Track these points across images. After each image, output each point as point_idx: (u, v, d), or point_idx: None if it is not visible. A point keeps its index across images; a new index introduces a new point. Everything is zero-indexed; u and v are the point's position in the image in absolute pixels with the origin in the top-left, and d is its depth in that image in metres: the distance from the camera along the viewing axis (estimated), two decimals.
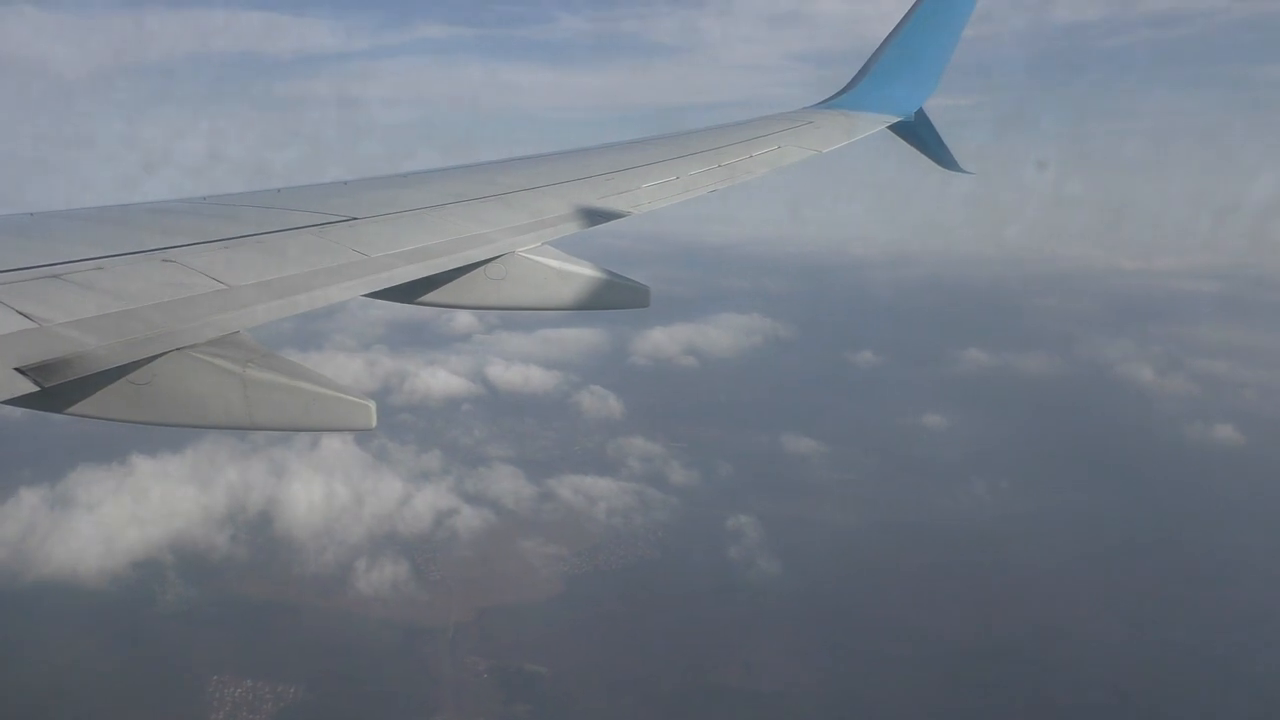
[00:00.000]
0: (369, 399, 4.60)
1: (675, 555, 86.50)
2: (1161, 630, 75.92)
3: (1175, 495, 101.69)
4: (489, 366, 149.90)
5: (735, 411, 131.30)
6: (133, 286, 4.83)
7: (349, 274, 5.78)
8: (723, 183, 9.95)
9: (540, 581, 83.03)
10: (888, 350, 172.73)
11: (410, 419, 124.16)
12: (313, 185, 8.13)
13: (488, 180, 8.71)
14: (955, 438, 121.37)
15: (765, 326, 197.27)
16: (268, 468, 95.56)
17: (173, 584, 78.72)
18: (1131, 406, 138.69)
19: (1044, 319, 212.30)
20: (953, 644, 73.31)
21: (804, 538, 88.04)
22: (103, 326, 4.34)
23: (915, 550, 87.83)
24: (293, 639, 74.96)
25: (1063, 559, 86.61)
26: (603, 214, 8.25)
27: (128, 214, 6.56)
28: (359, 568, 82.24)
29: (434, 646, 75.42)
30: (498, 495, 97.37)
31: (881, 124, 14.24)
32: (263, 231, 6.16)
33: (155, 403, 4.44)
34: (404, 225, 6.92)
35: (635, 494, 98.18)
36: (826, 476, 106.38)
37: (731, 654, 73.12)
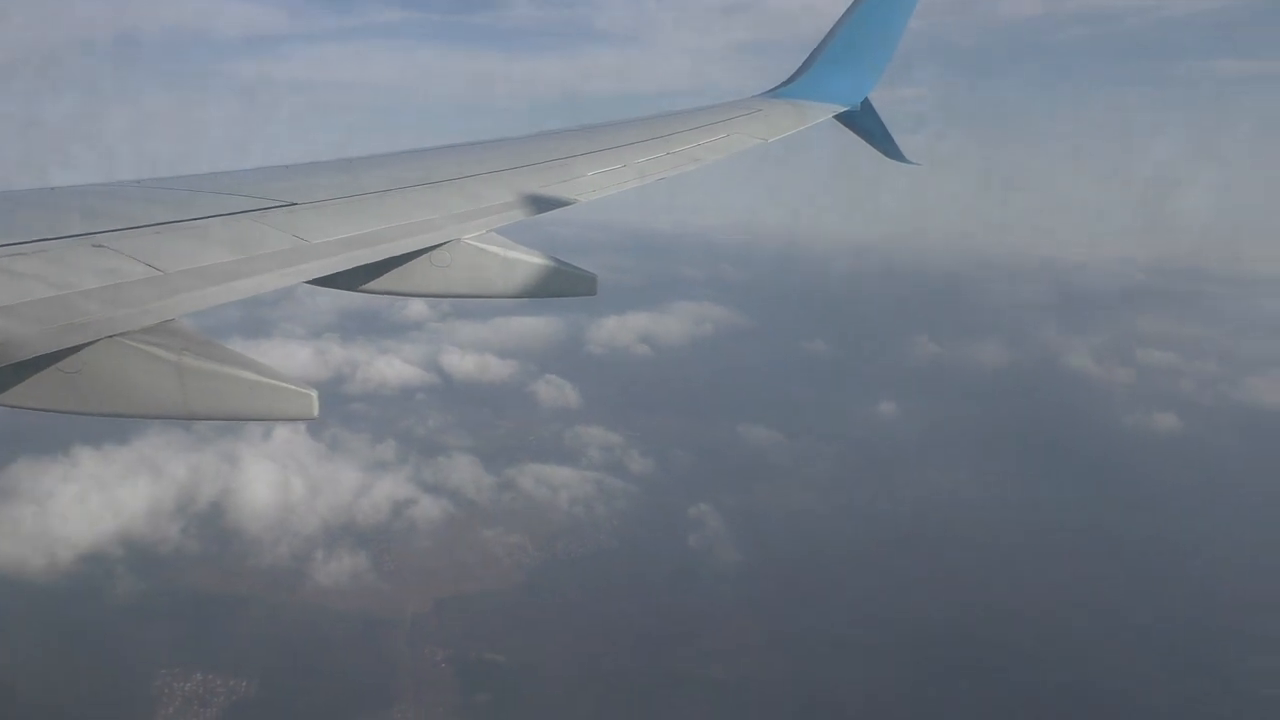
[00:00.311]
0: (310, 388, 4.51)
1: (636, 544, 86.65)
2: (1114, 612, 77.93)
3: (1122, 481, 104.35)
4: (443, 355, 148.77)
5: (691, 400, 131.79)
6: (61, 272, 4.61)
7: (289, 260, 5.63)
8: (670, 170, 9.90)
9: (500, 571, 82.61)
10: (840, 339, 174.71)
11: (364, 408, 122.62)
12: (251, 169, 7.95)
13: (433, 166, 8.57)
14: (909, 425, 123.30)
15: (718, 315, 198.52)
16: (218, 458, 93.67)
17: (122, 577, 76.79)
18: (1077, 395, 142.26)
19: (992, 309, 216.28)
20: (910, 629, 74.39)
21: (763, 526, 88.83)
22: (29, 313, 4.14)
23: (873, 537, 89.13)
24: (245, 632, 73.75)
25: (1015, 544, 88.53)
26: (550, 201, 8.17)
27: (56, 197, 6.31)
28: (314, 559, 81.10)
29: (392, 637, 74.73)
30: (456, 485, 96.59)
31: (828, 113, 14.31)
32: (199, 216, 5.97)
33: (86, 392, 4.32)
34: (346, 211, 6.75)
35: (595, 483, 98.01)
36: (784, 465, 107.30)
37: (691, 642, 73.51)
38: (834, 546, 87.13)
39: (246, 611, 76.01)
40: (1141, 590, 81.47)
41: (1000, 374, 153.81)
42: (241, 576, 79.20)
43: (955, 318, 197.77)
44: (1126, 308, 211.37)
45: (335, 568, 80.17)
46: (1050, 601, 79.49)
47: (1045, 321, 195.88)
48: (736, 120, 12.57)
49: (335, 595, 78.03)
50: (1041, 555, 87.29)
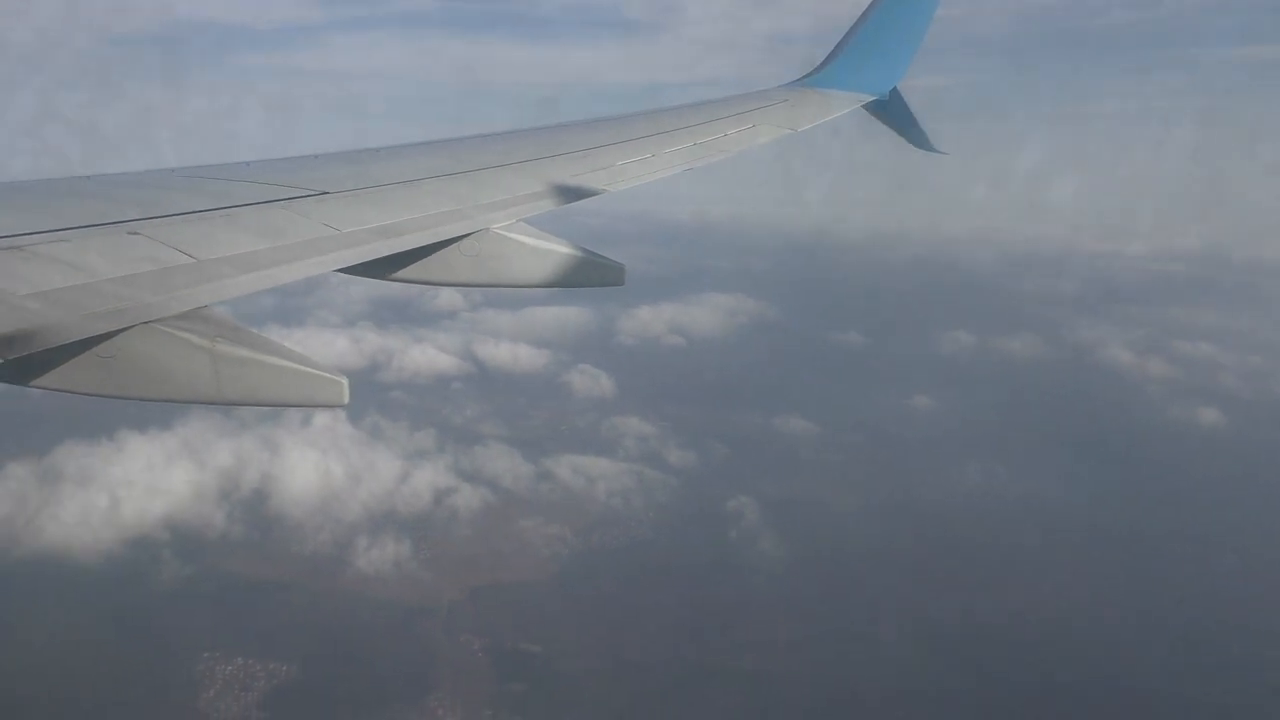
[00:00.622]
0: (341, 375, 4.58)
1: (674, 536, 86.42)
2: (1153, 614, 76.97)
3: (1164, 477, 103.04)
4: (477, 344, 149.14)
5: (726, 392, 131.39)
6: (98, 259, 4.76)
7: (320, 249, 5.73)
8: (698, 161, 9.92)
9: (538, 561, 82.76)
10: (873, 331, 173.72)
11: (401, 396, 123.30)
12: (283, 159, 8.01)
13: (462, 156, 8.63)
14: (944, 420, 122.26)
15: (750, 306, 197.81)
16: (260, 444, 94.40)
17: (168, 562, 77.63)
18: (1115, 389, 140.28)
19: (1025, 301, 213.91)
20: (944, 628, 73.73)
21: (803, 519, 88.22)
22: (67, 299, 4.28)
23: (911, 532, 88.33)
24: (287, 617, 74.40)
25: (1056, 542, 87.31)
26: (578, 191, 8.20)
27: (93, 185, 6.42)
28: (356, 546, 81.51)
29: (429, 625, 75.17)
30: (494, 474, 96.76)
31: (856, 103, 14.30)
32: (232, 205, 6.06)
33: (122, 376, 4.42)
34: (376, 200, 6.83)
35: (634, 474, 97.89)
36: (821, 458, 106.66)
37: (727, 635, 73.38)
38: (870, 542, 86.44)
39: (288, 597, 76.69)
40: (1184, 588, 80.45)
41: (1036, 367, 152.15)
42: (284, 562, 79.87)
43: (988, 310, 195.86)
44: (1163, 300, 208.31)
45: (376, 555, 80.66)
46: (1090, 600, 78.72)
47: (1080, 314, 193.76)
48: (764, 110, 12.57)
49: (375, 582, 78.57)
50: (1083, 552, 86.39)
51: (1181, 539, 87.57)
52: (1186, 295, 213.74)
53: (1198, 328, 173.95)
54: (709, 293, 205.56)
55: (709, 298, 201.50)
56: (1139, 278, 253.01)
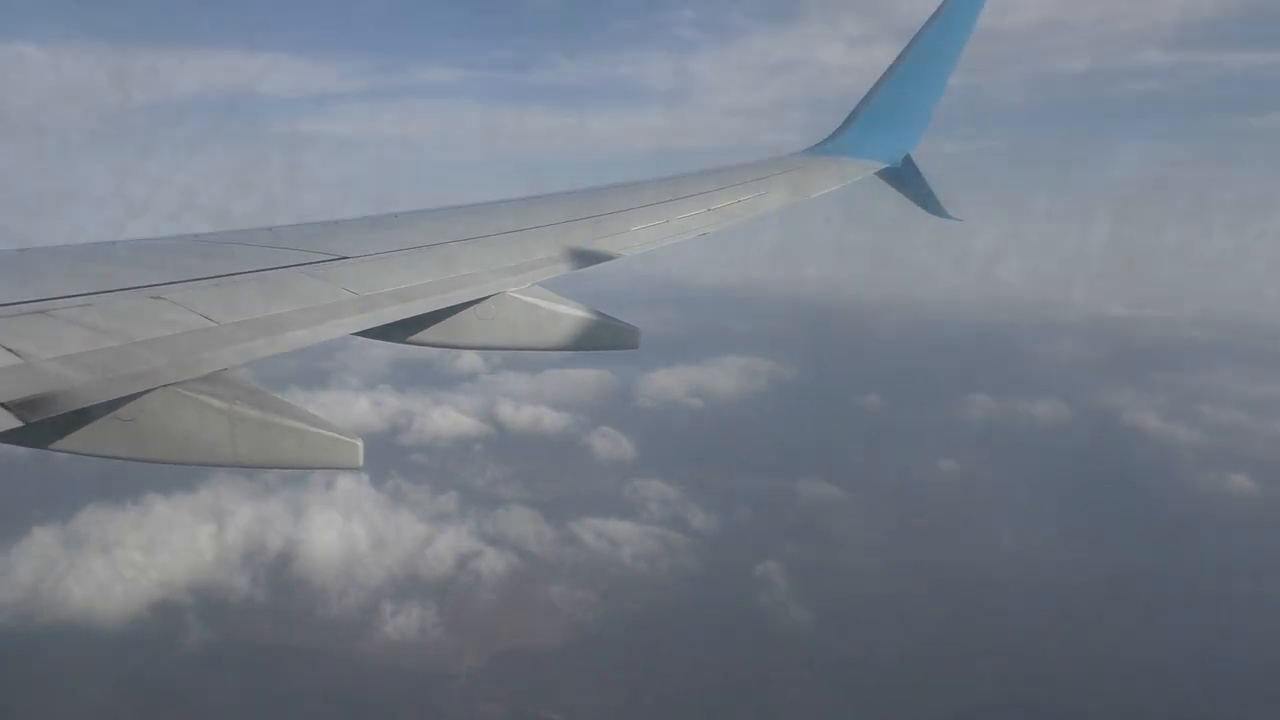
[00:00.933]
0: (356, 437, 4.60)
1: (702, 602, 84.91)
2: (1200, 690, 74.91)
3: (1198, 545, 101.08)
4: (498, 407, 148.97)
5: (748, 455, 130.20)
6: (120, 323, 4.83)
7: (338, 312, 5.80)
8: (712, 226, 10.01)
9: (563, 626, 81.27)
10: (894, 394, 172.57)
11: (423, 459, 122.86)
12: (303, 224, 8.14)
13: (478, 221, 8.79)
14: (972, 485, 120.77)
15: (768, 369, 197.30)
16: (284, 508, 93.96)
17: (192, 627, 76.70)
18: (1143, 455, 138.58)
19: (1046, 365, 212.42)
20: (979, 699, 72.07)
21: (831, 585, 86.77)
22: (89, 362, 4.34)
23: (943, 601, 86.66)
24: (310, 684, 73.18)
25: (1098, 613, 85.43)
26: (593, 256, 8.31)
27: (117, 251, 6.57)
28: (380, 611, 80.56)
29: (449, 691, 73.80)
30: (518, 538, 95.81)
31: (869, 170, 14.47)
32: (252, 269, 6.17)
33: (142, 439, 4.44)
34: (394, 264, 6.94)
35: (657, 538, 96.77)
36: (848, 523, 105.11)
37: (752, 703, 71.77)
38: (900, 608, 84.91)
39: (308, 663, 75.44)
40: (1223, 656, 78.45)
41: (1061, 432, 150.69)
42: (306, 628, 78.85)
43: (1010, 374, 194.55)
44: (1186, 365, 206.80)
45: (399, 621, 79.65)
46: (1129, 667, 76.80)
47: (1102, 379, 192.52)
48: (777, 177, 12.74)
49: (399, 648, 77.39)
50: (1122, 619, 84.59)
51: (1229, 608, 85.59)
52: (1209, 361, 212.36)
53: (1224, 393, 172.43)
54: (727, 355, 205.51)
55: (727, 360, 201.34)
56: (1159, 344, 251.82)
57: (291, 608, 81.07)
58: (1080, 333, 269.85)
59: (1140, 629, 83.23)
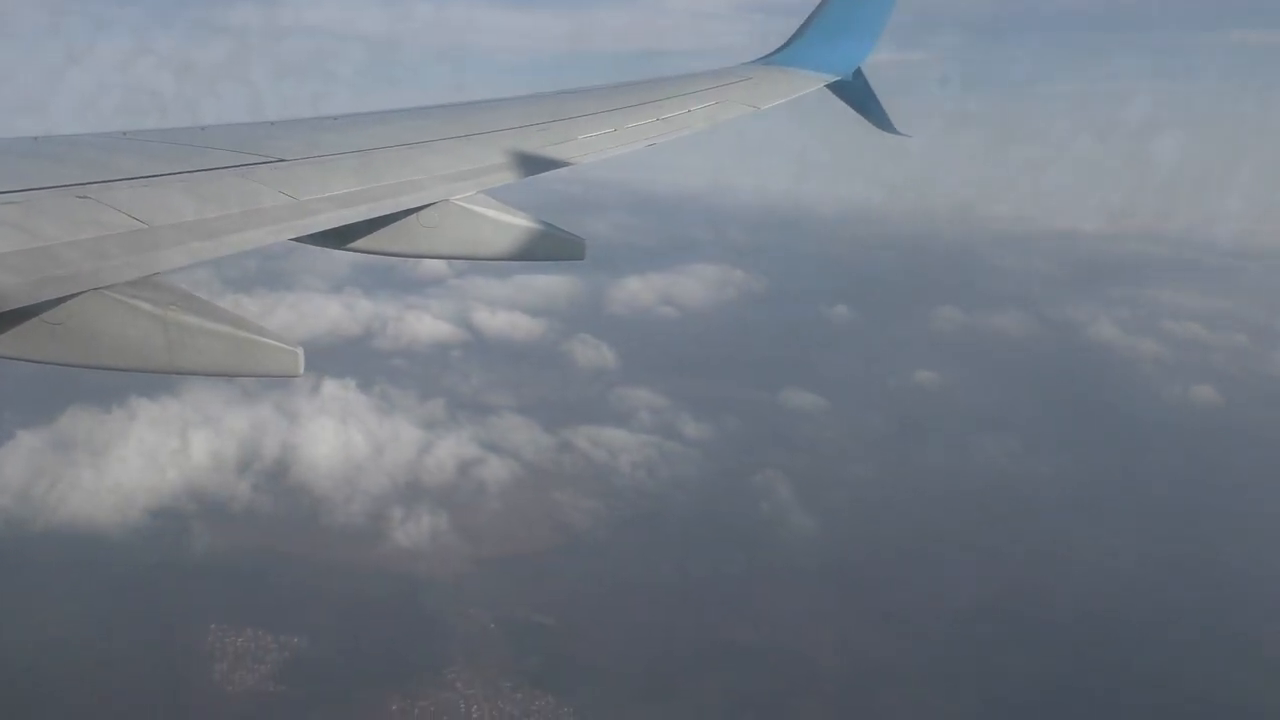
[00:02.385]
0: (297, 345, 4.49)
1: (705, 510, 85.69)
2: (1165, 593, 77.56)
3: (1170, 455, 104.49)
4: (472, 312, 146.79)
5: (727, 364, 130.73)
6: (47, 223, 4.62)
7: (276, 217, 5.65)
8: (661, 136, 9.96)
9: (573, 534, 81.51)
10: (862, 306, 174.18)
11: (404, 364, 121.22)
12: (239, 124, 7.90)
13: (421, 126, 8.58)
14: (951, 396, 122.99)
15: (736, 278, 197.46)
16: (274, 413, 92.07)
17: (197, 534, 75.17)
18: (1111, 368, 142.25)
19: (1006, 279, 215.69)
20: (974, 609, 73.76)
21: (830, 494, 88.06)
22: (13, 263, 4.15)
23: (935, 510, 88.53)
24: (313, 589, 72.51)
25: (1079, 523, 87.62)
26: (541, 164, 8.19)
27: (42, 147, 6.30)
28: (385, 518, 79.84)
29: (441, 598, 73.50)
30: (516, 445, 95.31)
31: (819, 83, 14.38)
32: (186, 170, 5.95)
33: (70, 344, 4.32)
34: (334, 168, 6.75)
35: (654, 447, 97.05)
36: (835, 433, 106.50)
37: (749, 611, 72.95)
38: (896, 520, 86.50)
39: (323, 572, 74.44)
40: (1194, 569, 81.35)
41: (1031, 345, 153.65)
42: (315, 536, 77.76)
43: (973, 287, 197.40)
44: (1141, 280, 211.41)
45: (409, 527, 79.04)
46: (1110, 581, 79.11)
47: (1064, 293, 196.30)
48: (728, 87, 12.68)
49: (408, 555, 76.92)
50: (1105, 531, 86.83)
51: (1201, 518, 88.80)
52: (1161, 276, 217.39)
53: (1180, 308, 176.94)
54: (695, 263, 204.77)
55: (696, 269, 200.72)
56: (1110, 259, 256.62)
57: (295, 515, 79.81)
58: (1031, 246, 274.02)
59: (1110, 535, 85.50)
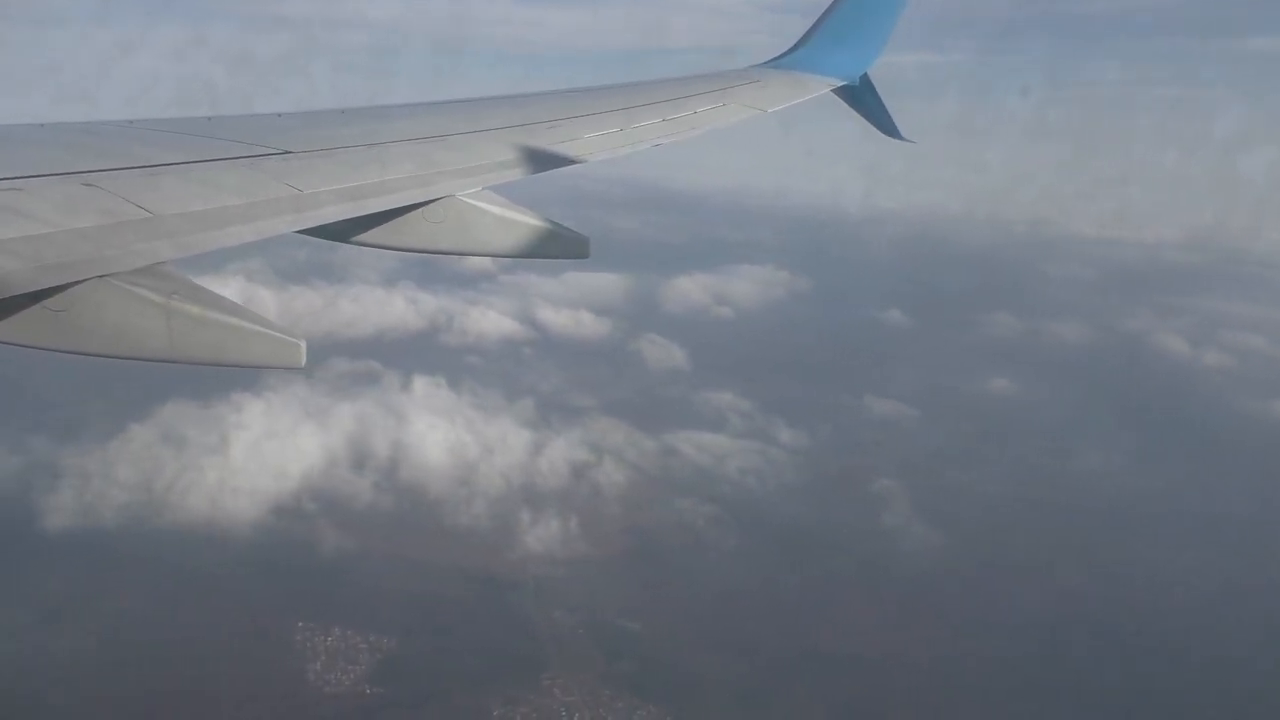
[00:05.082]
0: (299, 337, 4.44)
1: (818, 520, 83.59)
2: None
3: (1257, 466, 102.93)
4: (535, 309, 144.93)
5: (798, 368, 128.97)
6: (52, 209, 4.61)
7: (281, 209, 5.63)
8: (666, 137, 10.00)
9: (702, 543, 79.38)
10: (912, 310, 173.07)
11: (478, 361, 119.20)
12: (246, 115, 7.89)
13: (430, 122, 8.63)
14: (1030, 405, 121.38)
15: (783, 279, 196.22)
16: (375, 409, 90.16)
17: (326, 533, 73.06)
18: (1182, 378, 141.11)
19: (1051, 284, 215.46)
20: (1072, 623, 72.07)
21: (949, 506, 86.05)
22: (17, 249, 4.14)
23: (1044, 522, 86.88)
24: (391, 588, 70.41)
25: (1192, 540, 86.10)
26: (546, 161, 8.18)
27: (48, 133, 6.30)
28: (513, 521, 77.77)
29: (532, 599, 71.51)
30: (617, 448, 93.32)
31: (826, 87, 14.41)
32: (192, 160, 5.91)
33: (73, 331, 4.30)
34: (340, 162, 6.72)
35: (756, 453, 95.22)
36: (930, 442, 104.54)
37: (861, 621, 71.13)
38: (1006, 529, 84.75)
39: (391, 567, 72.38)
40: None
41: (1094, 353, 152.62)
42: (442, 539, 75.73)
43: (1021, 293, 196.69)
44: (1190, 289, 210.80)
45: (539, 531, 76.83)
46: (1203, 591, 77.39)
47: (1113, 301, 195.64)
48: (735, 90, 12.70)
49: (534, 560, 74.83)
50: (1197, 544, 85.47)
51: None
52: (1208, 285, 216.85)
53: (1236, 318, 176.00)
54: (740, 264, 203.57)
55: (742, 269, 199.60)
56: (1153, 267, 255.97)
57: (417, 515, 77.69)
58: (1068, 252, 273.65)
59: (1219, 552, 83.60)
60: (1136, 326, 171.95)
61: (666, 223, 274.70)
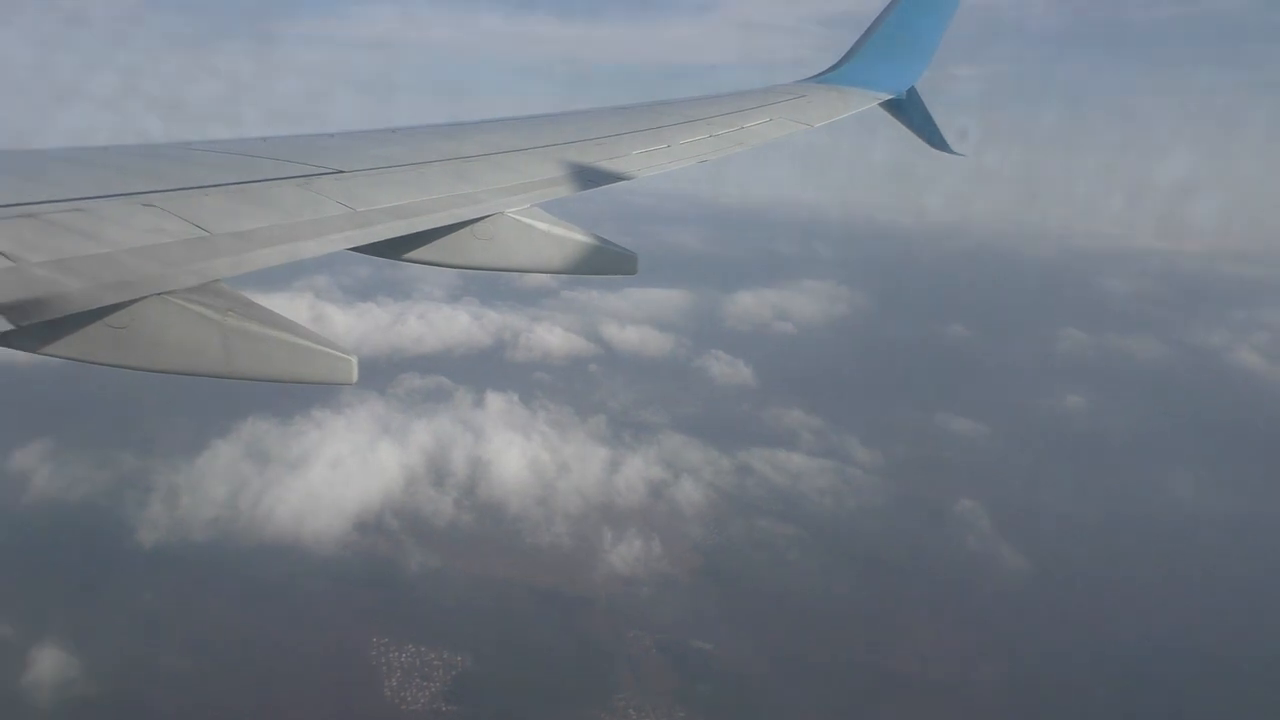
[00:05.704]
0: (350, 353, 4.49)
1: (902, 542, 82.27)
2: None
3: None
4: (599, 326, 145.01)
5: (866, 384, 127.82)
6: (112, 229, 4.72)
7: (334, 227, 5.69)
8: (713, 153, 10.03)
9: (780, 561, 78.51)
10: (976, 324, 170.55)
11: (546, 378, 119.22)
12: (299, 135, 8.01)
13: (479, 140, 8.68)
14: (1109, 421, 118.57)
15: (844, 294, 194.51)
16: (451, 425, 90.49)
17: (411, 551, 73.43)
18: (1261, 394, 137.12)
19: (1111, 298, 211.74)
20: (1151, 648, 69.99)
21: (1031, 529, 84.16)
22: (81, 268, 4.27)
23: (1130, 545, 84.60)
24: (462, 605, 70.29)
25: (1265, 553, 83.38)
26: (593, 178, 8.22)
27: (109, 155, 6.38)
28: (595, 540, 77.50)
29: (602, 618, 71.09)
30: (693, 466, 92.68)
31: (873, 100, 14.35)
32: (247, 180, 6.01)
33: (133, 347, 4.36)
34: (391, 180, 6.80)
35: (832, 471, 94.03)
36: (1011, 461, 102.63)
37: (946, 646, 69.58)
38: (1098, 552, 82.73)
39: (537, 597, 72.31)
40: None
41: (1169, 369, 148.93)
42: (524, 558, 75.72)
43: (1085, 307, 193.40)
44: (1254, 302, 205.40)
45: (622, 550, 76.46)
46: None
47: (1176, 314, 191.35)
48: (780, 105, 12.70)
49: (618, 580, 74.47)
50: None
51: None
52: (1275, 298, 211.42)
53: None
54: (799, 278, 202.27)
55: (802, 284, 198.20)
56: (1212, 279, 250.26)
57: (495, 532, 77.77)
58: (1125, 266, 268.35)
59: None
60: (1209, 341, 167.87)
61: (721, 237, 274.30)
